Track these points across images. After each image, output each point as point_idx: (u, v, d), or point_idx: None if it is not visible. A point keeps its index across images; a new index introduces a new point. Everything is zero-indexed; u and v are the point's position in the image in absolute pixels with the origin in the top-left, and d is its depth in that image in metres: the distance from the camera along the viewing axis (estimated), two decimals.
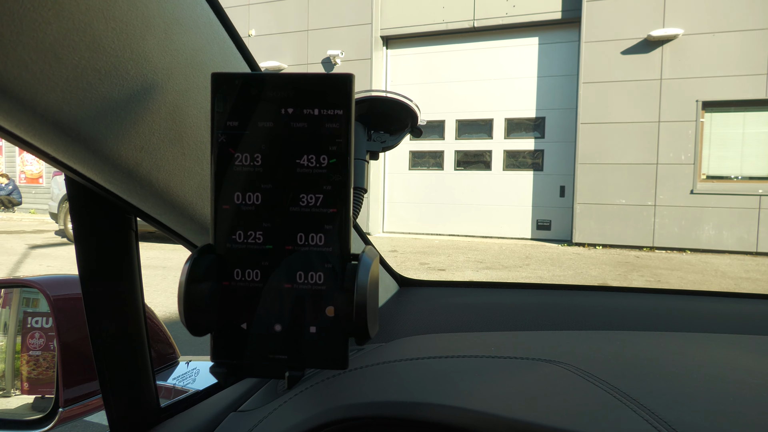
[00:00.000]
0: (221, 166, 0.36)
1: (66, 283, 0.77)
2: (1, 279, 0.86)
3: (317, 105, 0.35)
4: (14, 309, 0.83)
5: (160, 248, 7.70)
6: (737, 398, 0.39)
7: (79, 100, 0.35)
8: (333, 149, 0.35)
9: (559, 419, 0.36)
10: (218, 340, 0.37)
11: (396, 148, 0.60)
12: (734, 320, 0.78)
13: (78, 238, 0.50)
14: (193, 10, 0.44)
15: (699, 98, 8.44)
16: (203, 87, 0.46)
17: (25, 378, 0.79)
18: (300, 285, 0.36)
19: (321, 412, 0.46)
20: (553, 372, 0.46)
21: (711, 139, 8.63)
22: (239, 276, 0.36)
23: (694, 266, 7.18)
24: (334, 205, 0.36)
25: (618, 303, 0.86)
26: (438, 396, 0.43)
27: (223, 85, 0.36)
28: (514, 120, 9.99)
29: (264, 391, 0.62)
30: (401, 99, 0.56)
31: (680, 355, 0.52)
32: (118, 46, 0.36)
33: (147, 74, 0.39)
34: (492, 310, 0.83)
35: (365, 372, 0.53)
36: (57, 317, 0.72)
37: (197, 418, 0.59)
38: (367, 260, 0.36)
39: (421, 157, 10.66)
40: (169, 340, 0.92)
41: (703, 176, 8.69)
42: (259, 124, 0.36)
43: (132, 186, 0.45)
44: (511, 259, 7.62)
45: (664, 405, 0.37)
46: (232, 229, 0.36)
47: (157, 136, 0.43)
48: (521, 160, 10.00)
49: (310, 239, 0.36)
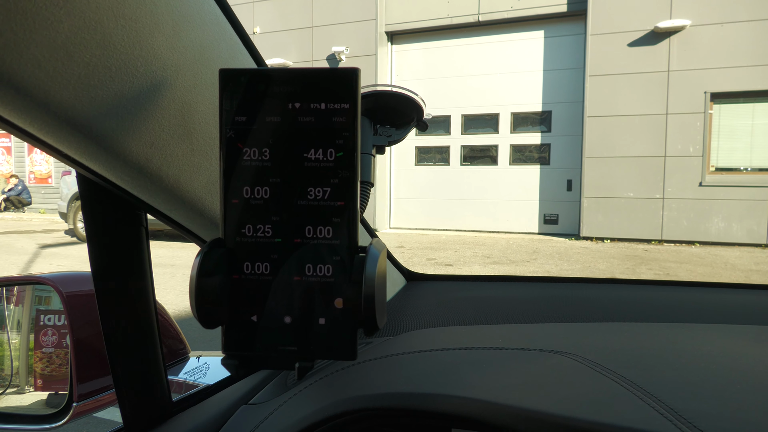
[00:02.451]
0: (230, 161, 0.36)
1: (79, 280, 0.78)
2: (14, 276, 0.88)
3: (324, 99, 0.35)
4: (27, 307, 0.84)
5: (169, 246, 7.74)
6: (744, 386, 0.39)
7: (91, 97, 0.36)
8: (340, 143, 0.36)
9: (566, 407, 0.36)
10: (229, 333, 0.38)
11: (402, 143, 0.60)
12: (744, 311, 0.77)
13: (90, 236, 0.50)
14: (200, 7, 0.45)
15: (707, 90, 8.36)
16: (211, 83, 0.47)
17: (39, 375, 0.80)
18: (309, 277, 0.36)
19: (330, 403, 0.46)
20: (561, 362, 0.46)
21: (719, 131, 8.56)
22: (249, 269, 0.37)
23: (703, 259, 7.13)
24: (341, 198, 0.36)
25: (626, 295, 0.86)
26: (445, 387, 0.43)
27: (231, 81, 0.36)
28: (520, 114, 9.94)
29: (274, 384, 0.63)
30: (407, 93, 0.56)
31: (688, 345, 0.52)
32: (128, 43, 0.37)
33: (156, 71, 0.40)
34: (499, 303, 0.83)
35: (374, 364, 0.53)
36: (70, 313, 0.73)
37: (208, 411, 0.60)
38: (375, 252, 0.36)
39: (427, 152, 10.64)
40: (179, 335, 0.93)
41: (711, 168, 8.61)
42: (266, 119, 0.36)
43: (142, 182, 0.45)
44: (518, 253, 7.60)
45: (671, 393, 0.37)
46: (241, 223, 0.37)
47: (166, 132, 0.43)
48: (528, 154, 9.96)
49: (318, 232, 0.36)
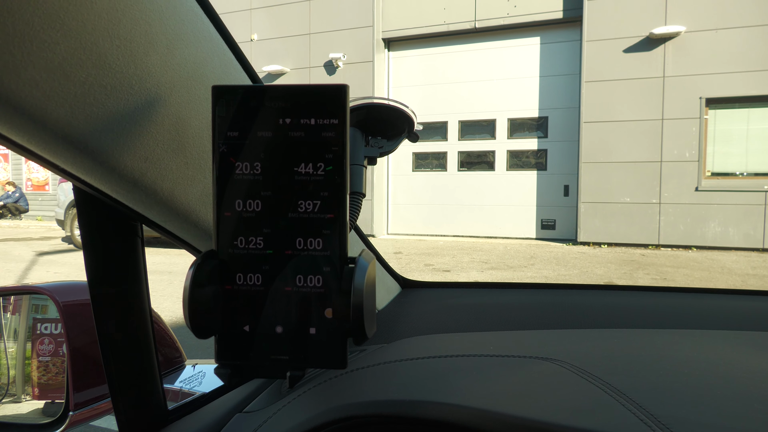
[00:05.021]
0: (223, 174, 0.37)
1: (75, 289, 0.79)
2: (11, 286, 0.88)
3: (314, 115, 0.37)
4: (24, 316, 0.84)
5: (166, 253, 7.73)
6: (725, 391, 0.40)
7: (87, 114, 0.37)
8: (329, 157, 0.37)
9: (550, 414, 0.37)
10: (222, 342, 0.38)
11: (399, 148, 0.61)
12: (737, 317, 0.78)
13: (86, 245, 0.51)
14: (194, 25, 0.46)
15: (702, 95, 8.41)
16: (205, 99, 0.48)
17: (36, 384, 0.81)
18: (300, 288, 0.37)
19: (323, 411, 0.47)
20: (547, 369, 0.47)
21: (715, 136, 8.60)
22: (241, 280, 0.38)
23: (700, 263, 7.14)
24: (331, 211, 0.37)
25: (621, 301, 0.86)
26: (436, 394, 0.44)
27: (224, 97, 0.37)
28: (516, 120, 9.98)
29: (269, 392, 0.64)
30: (397, 105, 0.57)
31: (675, 352, 0.53)
32: (123, 63, 0.38)
33: (151, 89, 0.41)
34: (493, 310, 0.84)
35: (366, 372, 0.54)
36: (66, 322, 0.74)
37: (204, 419, 0.61)
38: (364, 263, 0.37)
39: (425, 158, 10.67)
40: (175, 344, 0.93)
41: (707, 173, 8.65)
42: (258, 133, 0.37)
43: (138, 195, 0.46)
44: (516, 259, 7.61)
45: (652, 399, 0.38)
46: (234, 235, 0.38)
47: (161, 147, 0.44)
48: (525, 160, 9.99)
49: (309, 244, 0.37)
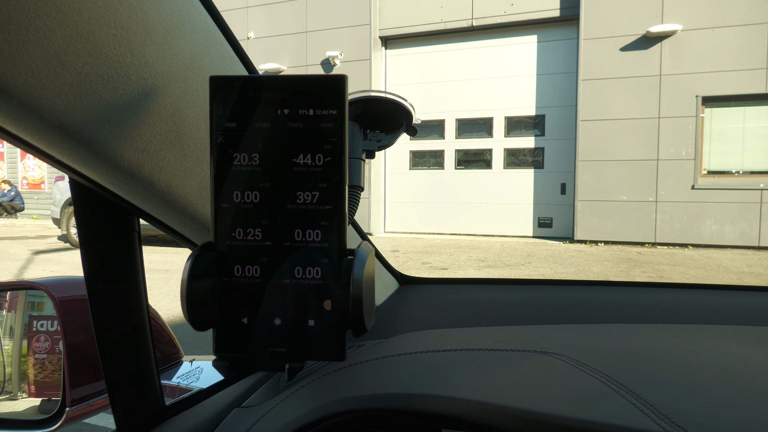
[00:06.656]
0: (220, 166, 0.37)
1: (71, 285, 0.78)
2: (6, 282, 0.88)
3: (312, 106, 0.36)
4: (20, 313, 0.84)
5: (163, 251, 7.71)
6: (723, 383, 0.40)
7: (83, 104, 0.36)
8: (328, 148, 0.36)
9: (552, 406, 0.37)
10: (220, 335, 0.38)
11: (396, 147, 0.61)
12: (733, 312, 0.78)
13: (83, 240, 0.51)
14: (191, 16, 0.46)
15: (699, 93, 8.43)
16: (202, 90, 0.47)
17: (32, 381, 0.80)
18: (298, 280, 0.37)
19: (320, 405, 0.47)
20: (547, 363, 0.47)
21: (711, 134, 8.63)
22: (239, 272, 0.38)
23: (696, 261, 7.17)
24: (329, 202, 0.37)
25: (617, 297, 0.86)
26: (433, 387, 0.44)
27: (221, 88, 0.37)
28: (514, 118, 9.99)
29: (267, 387, 0.63)
30: (396, 99, 0.57)
31: (672, 345, 0.53)
32: (119, 52, 0.37)
33: (148, 79, 0.41)
34: (490, 306, 0.84)
35: (364, 366, 0.54)
36: (63, 318, 0.73)
37: (201, 414, 0.60)
38: (363, 254, 0.37)
39: (422, 156, 10.66)
40: (173, 340, 0.93)
41: (704, 171, 8.68)
42: (256, 125, 0.37)
43: (134, 187, 0.46)
44: (513, 257, 7.62)
45: (651, 390, 0.38)
46: (232, 226, 0.37)
47: (158, 138, 0.44)
48: (522, 158, 10.00)
49: (308, 235, 0.37)
